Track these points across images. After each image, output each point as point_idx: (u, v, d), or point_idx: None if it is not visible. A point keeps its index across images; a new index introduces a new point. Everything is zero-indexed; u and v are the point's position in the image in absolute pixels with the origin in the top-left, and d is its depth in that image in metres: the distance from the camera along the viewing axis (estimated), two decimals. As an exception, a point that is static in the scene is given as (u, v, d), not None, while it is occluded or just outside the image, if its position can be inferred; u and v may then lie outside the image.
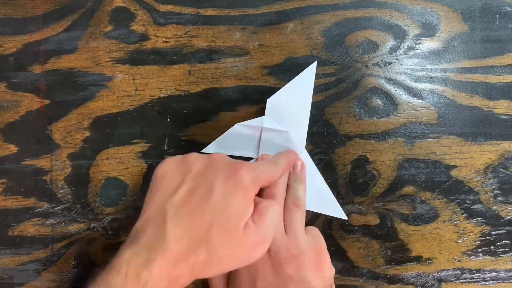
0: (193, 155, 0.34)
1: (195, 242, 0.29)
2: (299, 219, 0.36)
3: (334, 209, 0.40)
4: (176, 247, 0.29)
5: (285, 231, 0.35)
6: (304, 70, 0.37)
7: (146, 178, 0.42)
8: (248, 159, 0.40)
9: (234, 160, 0.34)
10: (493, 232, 0.42)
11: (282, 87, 0.42)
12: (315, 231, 0.38)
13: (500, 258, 0.42)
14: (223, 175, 0.32)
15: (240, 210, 0.31)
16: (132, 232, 0.31)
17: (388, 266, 0.42)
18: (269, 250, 0.33)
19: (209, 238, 0.30)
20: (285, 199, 0.37)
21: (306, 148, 0.41)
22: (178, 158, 0.34)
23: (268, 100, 0.38)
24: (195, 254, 0.29)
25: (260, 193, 0.36)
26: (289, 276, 0.34)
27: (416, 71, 0.43)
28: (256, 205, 0.33)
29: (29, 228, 0.42)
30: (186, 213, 0.30)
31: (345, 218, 0.40)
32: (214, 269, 0.30)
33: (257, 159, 0.40)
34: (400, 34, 0.43)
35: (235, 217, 0.31)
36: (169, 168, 0.33)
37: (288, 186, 0.38)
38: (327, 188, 0.41)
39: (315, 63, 0.36)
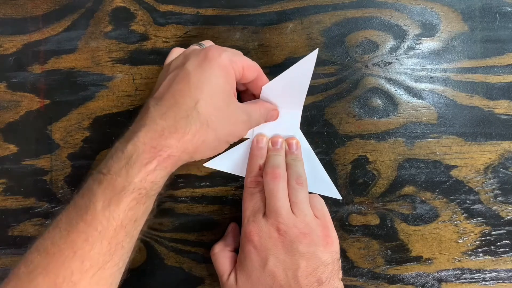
0: (174, 53, 0.36)
1: (181, 117, 0.31)
2: (304, 196, 0.37)
3: (328, 189, 0.41)
4: (160, 122, 0.30)
5: (292, 209, 0.36)
6: (305, 57, 0.37)
7: (146, 178, 0.42)
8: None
9: (205, 47, 0.35)
10: (493, 232, 0.42)
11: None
12: (318, 201, 0.38)
13: (500, 258, 0.42)
14: (197, 59, 0.33)
15: (222, 87, 0.33)
16: None
17: (388, 266, 0.42)
18: (278, 229, 0.35)
19: (198, 111, 0.31)
20: (288, 179, 0.38)
21: (306, 148, 0.41)
22: (165, 62, 0.36)
23: (263, 87, 0.38)
24: (184, 128, 0.31)
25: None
26: (300, 254, 0.34)
27: (416, 71, 0.43)
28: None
29: (29, 228, 0.42)
30: (168, 97, 0.32)
31: (340, 198, 0.41)
32: (210, 137, 0.32)
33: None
34: (400, 34, 0.43)
35: (220, 94, 0.32)
36: (158, 78, 0.35)
37: (287, 165, 0.39)
38: (321, 168, 0.41)
39: (316, 51, 0.36)
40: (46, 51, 0.43)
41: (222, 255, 0.39)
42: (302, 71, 0.38)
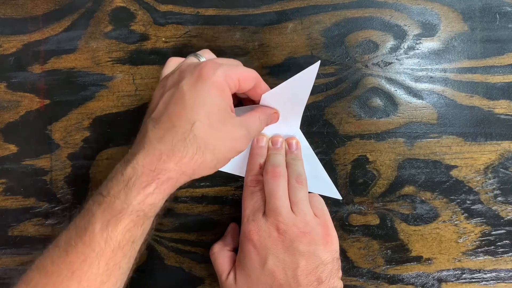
0: (169, 64, 0.36)
1: (178, 140, 0.31)
2: (304, 195, 0.37)
3: (328, 189, 0.41)
4: (158, 146, 0.31)
5: (292, 209, 0.36)
6: (306, 69, 0.37)
7: (146, 178, 0.42)
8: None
9: (201, 62, 0.34)
10: (493, 232, 0.42)
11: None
12: (318, 201, 0.38)
13: (500, 258, 0.42)
14: (191, 77, 0.32)
15: (218, 105, 0.32)
16: None
17: (388, 266, 0.42)
18: (278, 228, 0.35)
19: (194, 133, 0.31)
20: (288, 178, 0.38)
21: (306, 148, 0.41)
22: (162, 75, 0.36)
23: (263, 95, 0.38)
24: (182, 151, 0.31)
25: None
26: (300, 253, 0.34)
27: (416, 71, 0.43)
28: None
29: (29, 228, 0.42)
30: (164, 120, 0.32)
31: (340, 198, 0.41)
32: (208, 158, 0.32)
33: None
34: (400, 34, 0.43)
35: (216, 113, 0.32)
36: (154, 94, 0.35)
37: (287, 164, 0.39)
38: (321, 168, 0.41)
39: (318, 63, 0.36)
40: (46, 51, 0.43)
41: (221, 254, 0.39)
42: (303, 82, 0.37)
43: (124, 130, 0.43)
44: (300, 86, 0.38)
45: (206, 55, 0.37)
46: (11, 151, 0.43)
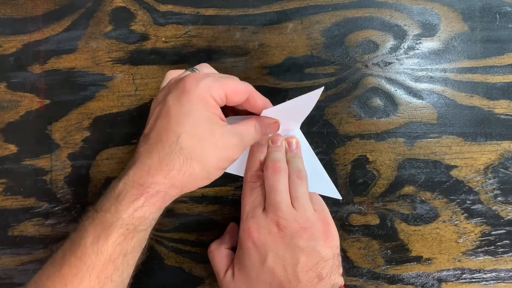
0: (167, 77, 0.36)
1: (165, 154, 0.31)
2: (304, 191, 0.37)
3: (328, 188, 0.41)
4: (147, 161, 0.31)
5: (292, 204, 0.36)
6: (311, 92, 0.35)
7: (146, 178, 0.42)
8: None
9: (188, 75, 0.34)
10: (493, 232, 0.42)
11: (282, 87, 0.42)
12: (317, 199, 0.38)
13: (500, 258, 0.42)
14: (176, 92, 0.33)
15: (204, 116, 0.32)
16: None
17: (388, 266, 0.42)
18: (278, 224, 0.34)
19: (180, 146, 0.31)
20: (288, 173, 0.37)
21: (306, 148, 0.41)
22: (160, 88, 0.36)
23: (263, 111, 0.37)
24: (169, 164, 0.31)
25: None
26: (300, 248, 0.34)
27: (416, 71, 0.43)
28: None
29: (29, 228, 0.42)
30: (153, 135, 0.32)
31: (339, 198, 0.41)
32: (197, 169, 0.32)
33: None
34: (400, 34, 0.43)
35: (201, 124, 0.32)
36: (152, 104, 0.35)
37: (287, 162, 0.39)
38: (321, 168, 0.41)
39: (322, 88, 0.35)
40: (46, 51, 0.43)
41: (217, 252, 0.39)
42: (306, 102, 0.37)
43: (124, 130, 0.43)
44: (301, 106, 0.38)
45: (204, 69, 0.37)
46: (11, 151, 0.43)
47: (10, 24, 0.43)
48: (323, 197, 0.40)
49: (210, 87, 0.32)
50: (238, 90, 0.34)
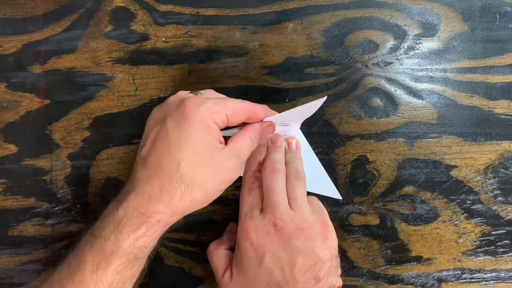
0: (153, 110, 0.36)
1: (165, 180, 0.31)
2: (302, 192, 0.37)
3: (328, 189, 0.41)
4: (146, 187, 0.31)
5: (289, 205, 0.36)
6: (313, 101, 0.36)
7: (146, 178, 0.42)
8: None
9: (188, 97, 0.33)
10: (493, 232, 0.42)
11: (282, 87, 0.42)
12: (316, 201, 0.38)
13: (500, 258, 0.42)
14: (176, 115, 0.32)
15: (204, 142, 0.32)
16: None
17: (388, 266, 0.42)
18: (275, 225, 0.34)
19: (181, 173, 0.31)
20: (286, 174, 0.37)
21: (306, 148, 0.41)
22: (149, 116, 0.36)
23: (265, 119, 0.37)
24: (170, 192, 0.31)
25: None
26: (298, 249, 0.34)
27: (416, 71, 0.43)
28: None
29: (29, 228, 0.42)
30: (152, 160, 0.32)
31: (340, 198, 0.41)
32: (198, 195, 0.32)
33: None
34: (400, 34, 0.43)
35: (201, 150, 0.32)
36: (145, 129, 0.35)
37: (286, 162, 0.38)
38: (322, 168, 0.41)
39: (324, 98, 0.35)
40: (46, 51, 0.43)
41: (216, 252, 0.38)
42: (306, 111, 0.37)
43: (124, 130, 0.43)
44: (302, 114, 0.38)
45: (207, 95, 0.36)
46: (11, 151, 0.43)
47: (10, 24, 0.43)
48: (323, 197, 0.40)
49: (211, 111, 0.32)
50: (239, 111, 0.34)
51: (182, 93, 0.36)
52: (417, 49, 0.43)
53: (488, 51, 0.43)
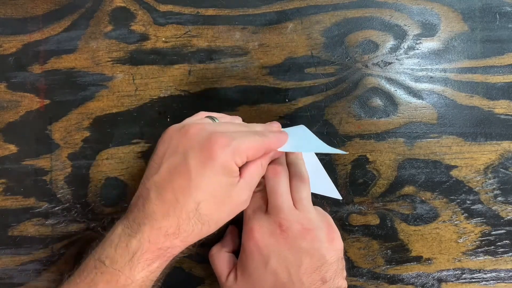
0: (171, 129, 0.34)
1: (183, 219, 0.31)
2: (307, 193, 0.37)
3: (329, 189, 0.40)
4: (165, 224, 0.31)
5: (295, 206, 0.36)
6: (332, 150, 0.36)
7: (146, 178, 0.42)
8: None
9: (209, 131, 0.33)
10: (493, 232, 0.42)
11: (282, 87, 0.42)
12: (318, 208, 0.38)
13: (500, 258, 0.42)
14: (197, 152, 0.32)
15: (224, 184, 0.32)
16: (128, 207, 0.33)
17: (388, 266, 0.42)
18: (281, 225, 0.34)
19: (199, 212, 0.31)
20: (290, 176, 0.37)
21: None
22: (163, 134, 0.35)
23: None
24: (188, 231, 0.31)
25: None
26: (304, 250, 0.34)
27: (416, 71, 0.43)
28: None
29: (29, 228, 0.42)
30: (168, 191, 0.31)
31: (340, 198, 0.40)
32: (211, 229, 0.32)
33: None
34: (400, 34, 0.43)
35: (221, 192, 0.32)
36: (158, 145, 0.34)
37: (288, 164, 0.38)
38: (322, 168, 0.41)
39: (346, 153, 0.37)
40: (46, 51, 0.43)
41: (218, 255, 0.38)
42: (320, 150, 0.38)
43: (124, 130, 0.43)
44: (316, 150, 0.38)
45: (222, 119, 0.37)
46: (11, 151, 0.43)
47: (10, 24, 0.43)
48: (323, 197, 0.40)
49: (234, 153, 0.32)
50: (259, 150, 0.34)
51: (202, 115, 0.36)
52: (417, 49, 0.43)
53: (488, 51, 0.43)
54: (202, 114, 0.38)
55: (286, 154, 0.39)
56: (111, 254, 0.30)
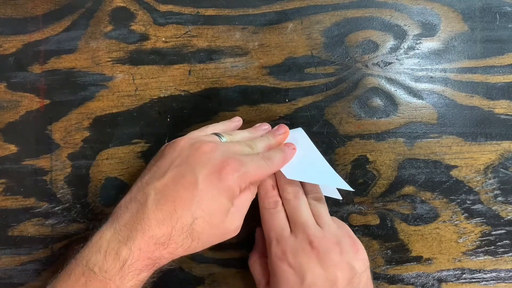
0: (183, 141, 0.35)
1: (176, 230, 0.31)
2: (325, 210, 0.38)
3: (335, 181, 0.39)
4: (157, 232, 0.30)
5: (317, 223, 0.36)
6: (335, 187, 0.38)
7: (146, 178, 0.42)
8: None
9: (222, 152, 0.33)
10: (493, 232, 0.42)
11: (282, 87, 0.42)
12: (335, 218, 0.39)
13: (500, 258, 0.42)
14: (209, 169, 0.32)
15: (224, 207, 0.33)
16: (115, 209, 0.33)
17: (388, 266, 0.42)
18: (311, 242, 0.34)
19: (193, 229, 0.31)
20: (306, 196, 0.38)
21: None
22: (173, 144, 0.35)
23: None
24: (178, 243, 0.31)
25: None
26: (335, 264, 0.34)
27: (416, 71, 0.43)
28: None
29: (29, 228, 0.42)
30: (168, 200, 0.31)
31: (349, 189, 0.38)
32: (198, 248, 0.33)
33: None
34: (400, 34, 0.43)
35: (219, 213, 0.32)
36: (165, 153, 0.35)
37: (303, 184, 0.39)
38: (326, 163, 0.40)
39: (350, 190, 0.37)
40: (46, 51, 0.43)
41: (258, 263, 0.39)
42: (324, 184, 0.39)
43: (124, 130, 0.43)
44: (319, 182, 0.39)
45: (233, 137, 0.37)
46: (11, 151, 0.43)
47: (10, 24, 0.43)
48: (327, 198, 0.40)
49: (241, 179, 0.33)
50: (262, 177, 0.36)
51: (208, 130, 0.37)
52: (417, 49, 0.43)
53: (488, 51, 0.43)
54: (208, 130, 0.38)
55: None
56: (100, 262, 0.30)
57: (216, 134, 0.37)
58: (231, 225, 0.34)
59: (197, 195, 0.31)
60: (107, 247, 0.30)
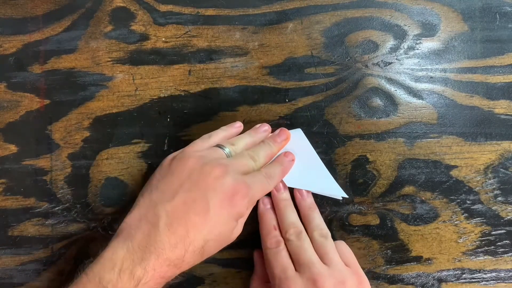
0: (191, 161, 0.35)
1: (189, 253, 0.32)
2: (331, 246, 0.37)
3: (330, 188, 0.40)
4: (170, 255, 0.31)
5: (322, 261, 0.36)
6: (332, 192, 0.40)
7: (146, 178, 0.42)
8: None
9: (232, 177, 0.34)
10: (493, 232, 0.42)
11: (282, 87, 0.42)
12: (345, 248, 0.39)
13: (500, 258, 0.42)
14: (220, 197, 0.33)
15: (232, 227, 0.35)
16: (123, 225, 0.33)
17: (388, 266, 0.42)
18: (315, 281, 0.34)
19: (204, 250, 0.33)
20: (310, 232, 0.38)
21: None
22: (181, 161, 0.35)
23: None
24: (189, 264, 0.33)
25: None
26: None
27: (416, 71, 0.43)
28: None
29: (29, 228, 0.42)
30: (180, 224, 0.32)
31: (345, 195, 0.40)
32: (202, 260, 0.34)
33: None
34: (400, 34, 0.43)
35: (228, 233, 0.35)
36: (172, 170, 0.35)
37: (304, 216, 0.39)
38: (323, 166, 0.40)
39: (348, 198, 0.39)
40: (46, 51, 0.43)
41: None
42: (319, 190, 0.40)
43: (124, 130, 0.43)
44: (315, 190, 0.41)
45: (231, 148, 0.38)
46: (11, 151, 0.43)
47: (10, 24, 0.43)
48: (323, 197, 0.40)
49: (249, 203, 0.35)
50: (265, 193, 0.38)
51: (212, 140, 0.38)
52: (417, 49, 0.43)
53: (488, 51, 0.43)
54: (211, 140, 0.38)
55: (300, 207, 0.40)
56: (114, 280, 0.30)
57: (219, 146, 0.37)
58: (234, 236, 0.36)
59: (209, 220, 0.33)
60: (121, 266, 0.30)
